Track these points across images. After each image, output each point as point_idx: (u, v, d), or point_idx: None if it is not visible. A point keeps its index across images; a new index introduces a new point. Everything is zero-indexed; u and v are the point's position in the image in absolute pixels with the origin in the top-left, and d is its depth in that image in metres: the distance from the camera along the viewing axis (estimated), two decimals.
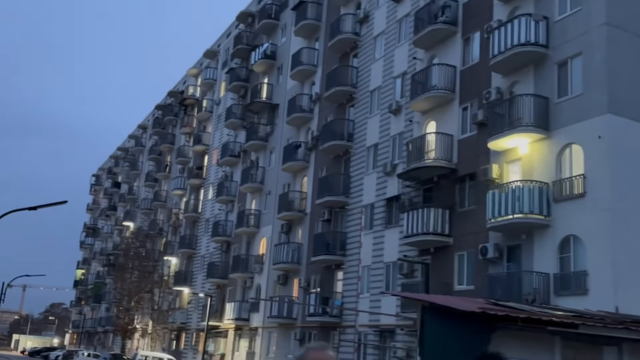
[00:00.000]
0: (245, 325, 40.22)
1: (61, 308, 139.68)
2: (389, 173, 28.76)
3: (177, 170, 61.45)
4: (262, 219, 42.14)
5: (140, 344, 58.58)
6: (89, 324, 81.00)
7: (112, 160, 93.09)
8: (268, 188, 42.22)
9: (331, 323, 30.69)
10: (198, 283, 50.36)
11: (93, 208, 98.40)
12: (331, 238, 32.22)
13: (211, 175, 53.24)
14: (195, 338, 48.55)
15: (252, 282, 41.42)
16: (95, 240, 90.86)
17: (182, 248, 53.76)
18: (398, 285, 26.28)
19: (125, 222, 74.19)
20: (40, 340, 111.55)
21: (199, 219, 53.84)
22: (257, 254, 41.63)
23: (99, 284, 78.94)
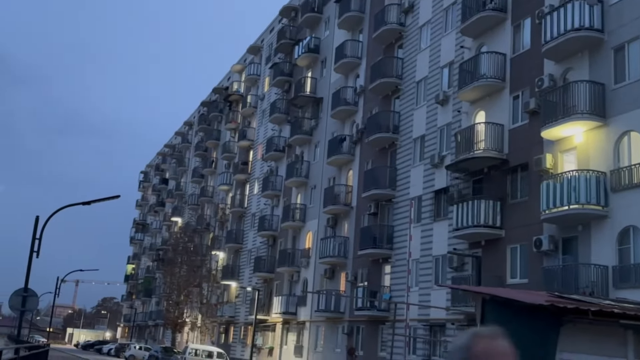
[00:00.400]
0: (293, 319, 40.35)
1: (113, 302, 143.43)
2: (437, 165, 28.27)
3: (222, 166, 62.12)
4: (308, 213, 42.15)
5: (190, 337, 59.57)
6: (139, 318, 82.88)
7: (159, 157, 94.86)
8: (313, 182, 42.18)
9: (379, 317, 30.45)
10: (245, 277, 50.82)
11: (142, 204, 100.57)
12: (378, 231, 31.94)
13: (256, 170, 53.58)
14: (243, 331, 49.04)
15: (298, 276, 41.52)
16: (145, 236, 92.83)
17: (229, 243, 54.34)
18: (448, 279, 25.84)
19: (174, 217, 75.53)
20: (93, 333, 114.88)
21: (245, 214, 54.29)
22: (303, 248, 41.70)
23: (149, 279, 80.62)
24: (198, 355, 41.58)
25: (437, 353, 26.20)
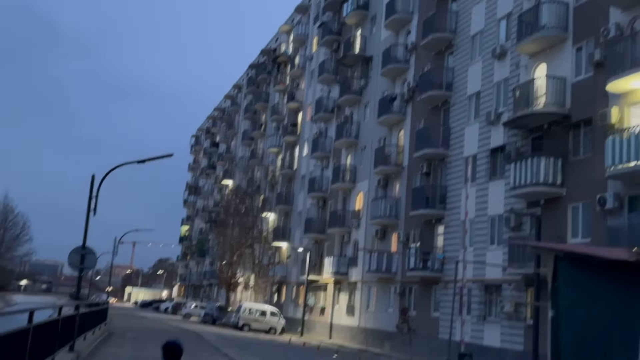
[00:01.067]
0: (344, 280, 40.45)
1: (168, 263, 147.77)
2: (493, 122, 27.27)
3: (272, 128, 62.12)
4: (358, 174, 41.76)
5: (243, 296, 60.80)
6: (194, 278, 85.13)
7: (209, 121, 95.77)
8: (363, 143, 41.63)
9: (432, 278, 30.08)
10: (296, 238, 51.15)
11: (194, 167, 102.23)
12: (430, 192, 31.31)
13: (306, 132, 53.32)
14: (295, 291, 49.62)
15: (349, 237, 41.43)
16: (197, 198, 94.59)
17: (280, 204, 54.66)
18: (504, 239, 25.14)
19: (225, 180, 76.48)
20: (150, 292, 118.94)
21: (294, 176, 54.36)
22: (353, 209, 41.47)
23: (203, 240, 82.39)
24: (252, 313, 42.41)
25: (492, 313, 25.72)
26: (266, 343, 31.72)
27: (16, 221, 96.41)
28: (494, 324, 25.27)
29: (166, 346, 5.53)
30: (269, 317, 42.67)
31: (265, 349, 26.46)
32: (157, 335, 28.13)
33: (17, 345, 6.67)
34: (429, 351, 28.26)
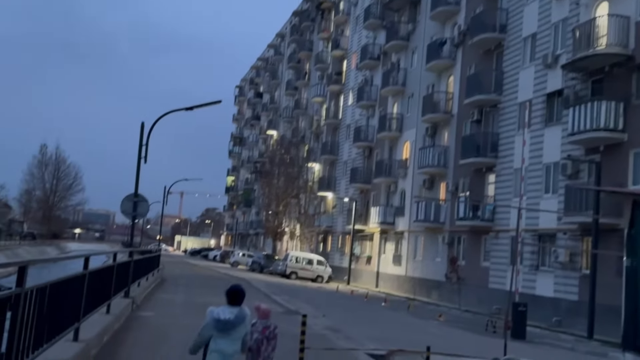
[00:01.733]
0: (391, 229, 40.24)
1: (215, 213, 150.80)
2: (550, 65, 25.98)
3: (316, 77, 61.32)
4: (405, 122, 40.92)
5: (289, 245, 61.50)
6: (241, 227, 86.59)
7: (253, 71, 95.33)
8: (410, 90, 40.60)
9: (482, 227, 29.50)
10: (342, 188, 51.00)
11: (238, 118, 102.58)
12: (481, 139, 30.38)
13: (350, 80, 52.39)
14: (341, 241, 49.80)
15: (396, 186, 40.97)
16: (242, 149, 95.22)
17: (325, 154, 54.38)
18: (560, 188, 24.28)
19: (269, 130, 76.51)
20: (199, 241, 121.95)
21: (339, 125, 53.78)
22: (400, 158, 40.85)
23: (248, 190, 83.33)
24: (298, 262, 42.84)
25: (545, 263, 25.13)
26: (314, 291, 32.00)
27: (68, 171, 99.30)
28: (547, 274, 24.71)
29: (230, 290, 5.79)
30: (316, 265, 43.03)
31: (314, 296, 26.66)
32: (207, 282, 28.67)
33: (74, 291, 6.60)
34: (478, 301, 27.97)
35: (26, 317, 4.67)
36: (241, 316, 5.69)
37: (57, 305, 5.70)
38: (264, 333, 6.26)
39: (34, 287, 4.78)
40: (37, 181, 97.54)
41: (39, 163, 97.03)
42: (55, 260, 5.72)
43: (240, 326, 5.66)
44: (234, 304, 5.75)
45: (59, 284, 5.74)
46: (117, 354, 8.30)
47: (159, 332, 10.89)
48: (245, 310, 5.80)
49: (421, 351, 9.52)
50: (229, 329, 5.56)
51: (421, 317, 21.98)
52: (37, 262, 5.05)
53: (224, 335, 5.56)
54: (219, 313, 5.64)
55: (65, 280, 6.02)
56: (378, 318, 19.80)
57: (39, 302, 4.99)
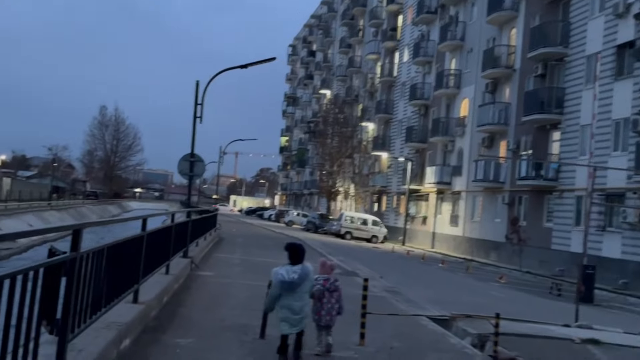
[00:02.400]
0: (448, 189, 39.42)
1: (269, 172, 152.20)
2: (621, 15, 24.30)
3: (370, 34, 59.93)
4: (464, 78, 39.55)
5: (343, 205, 61.43)
6: (295, 187, 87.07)
7: (306, 29, 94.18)
8: (470, 45, 39.07)
9: (545, 187, 28.42)
10: (396, 148, 50.20)
11: (291, 78, 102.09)
12: (546, 95, 29.01)
13: (406, 36, 50.91)
14: (396, 201, 49.28)
15: (453, 145, 39.93)
16: (296, 109, 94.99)
17: (379, 113, 53.48)
18: (630, 145, 22.97)
19: (322, 90, 75.80)
20: (254, 200, 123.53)
21: (394, 83, 52.61)
22: (458, 116, 39.67)
23: (302, 150, 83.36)
24: (353, 222, 42.67)
25: (613, 224, 24.03)
26: (369, 251, 31.81)
27: (127, 132, 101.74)
28: (614, 235, 23.66)
29: (291, 249, 6.17)
30: (371, 225, 42.77)
31: (370, 257, 26.46)
32: (264, 241, 28.86)
33: (132, 253, 6.46)
34: (539, 262, 27.17)
35: (82, 282, 4.49)
36: (304, 274, 6.07)
37: (115, 268, 5.55)
38: (325, 285, 6.56)
39: (90, 250, 4.57)
40: (98, 142, 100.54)
41: (100, 124, 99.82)
42: (110, 222, 5.52)
43: (305, 283, 6.08)
44: (296, 262, 6.13)
45: (117, 246, 5.57)
46: (177, 314, 8.23)
47: (219, 292, 10.84)
48: (307, 268, 6.15)
49: (489, 316, 9.09)
50: (294, 288, 6.00)
51: (481, 278, 21.46)
52: (91, 224, 4.85)
53: (291, 293, 6.02)
54: (283, 274, 6.03)
55: (123, 242, 5.85)
56: (436, 280, 19.41)
57: (95, 265, 4.81)
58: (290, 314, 6.06)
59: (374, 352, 7.16)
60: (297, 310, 6.06)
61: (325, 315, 6.55)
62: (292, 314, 6.07)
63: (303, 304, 6.12)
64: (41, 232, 4.03)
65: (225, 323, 8.03)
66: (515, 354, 8.14)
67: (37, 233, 3.93)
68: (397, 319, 9.42)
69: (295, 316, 6.08)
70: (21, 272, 3.31)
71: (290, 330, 6.13)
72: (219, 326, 7.79)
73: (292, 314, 6.06)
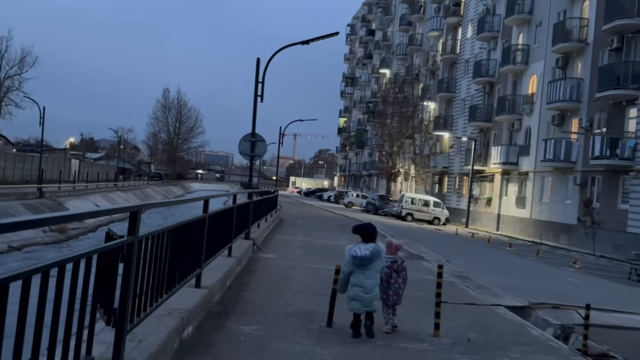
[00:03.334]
0: (514, 170, 37.96)
1: (328, 154, 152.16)
2: None
3: (432, 10, 58.25)
4: (532, 54, 37.78)
5: (403, 186, 60.49)
6: (353, 168, 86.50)
7: (365, 8, 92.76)
8: (538, 18, 37.23)
9: (621, 166, 26.82)
10: (459, 127, 48.78)
11: (350, 58, 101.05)
12: (622, 69, 27.25)
13: (470, 11, 49.12)
14: (458, 182, 48.02)
15: (520, 124, 38.35)
16: (354, 89, 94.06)
17: (441, 92, 52.05)
18: None
19: (382, 69, 74.58)
20: (313, 182, 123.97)
21: (457, 60, 50.99)
22: (525, 93, 38.02)
23: (361, 131, 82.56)
24: (414, 203, 41.83)
25: None
26: (432, 233, 31.03)
27: (189, 114, 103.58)
28: None
29: (364, 229, 6.41)
30: (432, 207, 41.83)
31: (433, 239, 25.73)
32: (324, 222, 28.57)
33: (194, 235, 6.14)
34: (613, 246, 25.74)
35: (141, 268, 4.16)
36: (376, 252, 6.22)
37: (176, 252, 5.23)
38: (392, 267, 6.67)
39: (149, 233, 4.22)
40: (162, 124, 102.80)
41: (163, 107, 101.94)
42: (169, 203, 5.21)
43: (377, 261, 6.22)
44: (368, 240, 6.30)
45: (178, 229, 5.23)
46: (241, 299, 7.94)
47: (282, 275, 10.53)
48: (380, 246, 6.32)
49: (576, 306, 8.37)
50: (366, 264, 6.14)
51: (553, 263, 20.43)
52: (149, 206, 4.48)
53: (362, 270, 6.17)
54: (355, 250, 6.21)
55: (185, 224, 5.51)
56: (506, 264, 18.57)
57: (156, 249, 4.48)
58: (362, 292, 6.15)
59: (449, 344, 6.63)
60: (369, 288, 6.16)
61: (393, 295, 6.66)
62: (363, 293, 6.16)
63: (374, 282, 6.21)
64: (97, 214, 3.70)
65: (289, 309, 7.67)
66: (607, 348, 7.43)
67: (93, 215, 3.60)
68: (470, 307, 8.82)
69: (366, 295, 6.17)
70: (71, 259, 2.96)
71: (360, 308, 6.23)
72: (284, 312, 7.44)
73: (363, 292, 6.15)
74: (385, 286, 6.58)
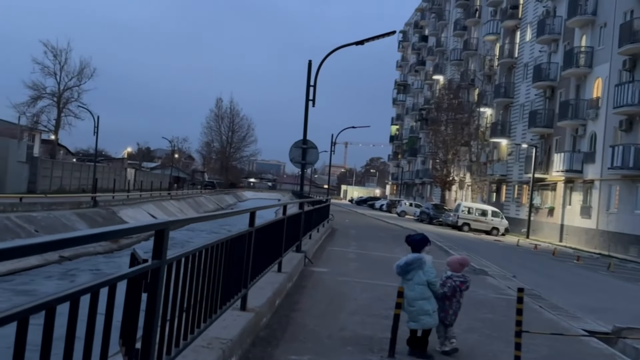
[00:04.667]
0: (578, 178, 36.05)
1: (379, 162, 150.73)
2: None
3: (488, 14, 56.59)
4: (596, 56, 35.89)
5: (458, 195, 58.79)
6: (406, 176, 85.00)
7: (417, 14, 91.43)
8: (603, 19, 35.36)
9: None
10: (517, 134, 46.96)
11: (402, 65, 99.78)
12: None
13: (529, 14, 47.34)
14: (517, 190, 46.15)
15: (584, 130, 36.45)
16: (407, 97, 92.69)
17: (498, 97, 50.31)
18: None
19: (435, 75, 73.10)
20: (364, 190, 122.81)
21: (515, 65, 49.20)
22: (590, 97, 36.11)
23: (414, 139, 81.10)
24: (471, 213, 40.31)
25: None
26: (492, 245, 29.60)
27: (242, 124, 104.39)
28: None
29: (408, 239, 6.34)
30: (490, 217, 40.20)
31: (494, 251, 24.40)
32: (378, 232, 27.62)
33: (239, 253, 5.43)
34: None
35: (172, 296, 3.46)
36: (410, 260, 5.94)
37: (216, 273, 4.51)
38: (461, 287, 6.26)
39: (180, 255, 3.50)
40: (215, 133, 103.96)
41: (216, 116, 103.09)
42: (200, 219, 4.30)
43: (414, 272, 5.92)
44: (414, 251, 6.14)
45: (217, 246, 4.51)
46: (291, 321, 7.19)
47: (335, 293, 9.73)
48: (417, 256, 5.99)
49: None
50: (403, 274, 5.99)
51: (628, 278, 18.88)
52: (176, 223, 3.71)
53: (404, 280, 6.03)
54: (399, 260, 6.13)
55: (226, 241, 4.78)
56: (578, 280, 17.19)
57: (190, 273, 3.77)
58: (405, 304, 6.01)
59: None
60: (410, 300, 5.98)
61: (452, 315, 6.29)
62: (408, 305, 6.00)
63: (414, 295, 5.97)
64: (101, 236, 2.99)
65: (345, 333, 6.86)
66: None
67: (101, 238, 2.90)
68: (556, 338, 7.79)
69: (410, 307, 5.99)
70: (69, 296, 2.24)
71: (409, 323, 6.01)
72: (339, 338, 6.64)
73: (407, 304, 6.00)
74: (447, 304, 6.22)
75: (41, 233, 19.95)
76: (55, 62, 53.51)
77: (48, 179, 38.50)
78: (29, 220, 20.47)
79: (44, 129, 55.85)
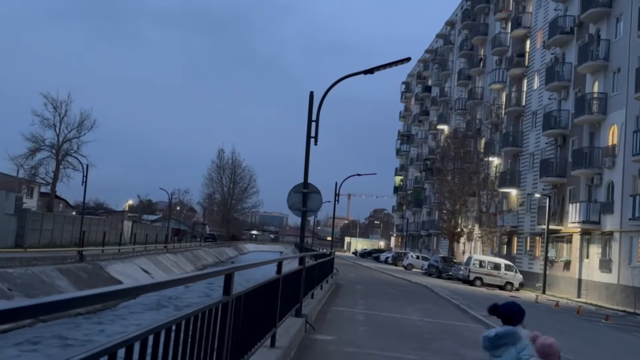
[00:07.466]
0: (596, 229, 34.11)
1: (383, 213, 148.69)
2: None
3: (493, 63, 55.86)
4: (610, 102, 34.56)
5: (467, 247, 56.66)
6: (411, 228, 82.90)
7: (420, 65, 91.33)
8: (616, 64, 34.20)
9: None
10: (528, 183, 45.27)
11: (405, 115, 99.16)
12: None
13: (536, 61, 46.42)
14: (529, 242, 44.10)
15: (600, 178, 34.73)
16: (411, 147, 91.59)
17: (506, 147, 48.88)
18: None
19: (439, 125, 72.07)
20: (368, 242, 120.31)
21: (523, 113, 47.98)
22: (605, 145, 34.56)
23: (418, 189, 79.47)
24: (483, 266, 38.17)
25: None
26: None
27: (244, 175, 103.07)
28: None
29: (502, 310, 5.14)
30: (504, 270, 38.03)
31: None
32: (386, 288, 25.55)
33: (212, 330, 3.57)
34: None
35: None
36: (502, 334, 5.02)
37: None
38: None
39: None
40: (216, 185, 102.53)
41: (217, 167, 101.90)
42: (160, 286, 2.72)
43: (505, 347, 5.00)
44: (506, 323, 5.12)
45: (166, 331, 2.72)
46: None
47: None
48: (513, 330, 5.00)
49: None
50: (491, 348, 5.09)
51: None
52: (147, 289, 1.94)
53: (490, 356, 5.11)
54: (488, 332, 5.24)
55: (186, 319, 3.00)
56: (619, 346, 15.07)
57: None
58: None
59: None
60: None
61: None
62: None
63: None
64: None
65: None
66: None
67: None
68: None
69: None
70: None
71: None
72: None
73: None
74: None
75: (15, 292, 17.99)
76: (55, 113, 52.66)
77: (37, 232, 36.63)
78: (2, 277, 18.52)
79: (42, 181, 54.47)
